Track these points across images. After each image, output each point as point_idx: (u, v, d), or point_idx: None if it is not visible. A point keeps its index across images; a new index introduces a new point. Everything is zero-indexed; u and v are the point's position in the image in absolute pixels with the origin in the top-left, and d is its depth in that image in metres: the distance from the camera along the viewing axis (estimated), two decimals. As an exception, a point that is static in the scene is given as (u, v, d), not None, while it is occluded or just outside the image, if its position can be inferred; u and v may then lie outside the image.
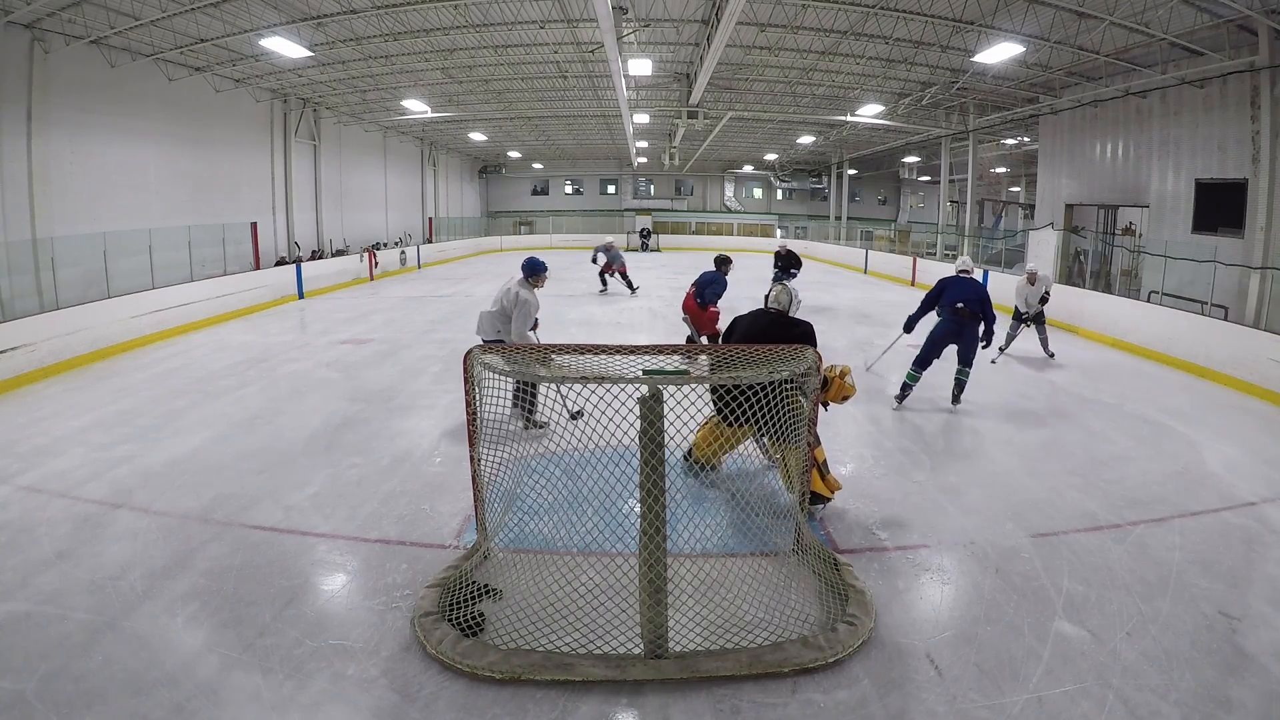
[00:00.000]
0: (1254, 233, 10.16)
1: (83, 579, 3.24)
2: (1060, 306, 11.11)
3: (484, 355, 3.10)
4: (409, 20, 11.62)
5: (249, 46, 11.95)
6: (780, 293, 4.25)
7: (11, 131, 9.87)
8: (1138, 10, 9.55)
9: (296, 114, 17.23)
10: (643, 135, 23.35)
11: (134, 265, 10.97)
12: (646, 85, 16.23)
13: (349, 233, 20.28)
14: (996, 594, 3.18)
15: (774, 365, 3.04)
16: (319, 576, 3.33)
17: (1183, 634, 2.87)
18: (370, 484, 4.41)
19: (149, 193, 12.75)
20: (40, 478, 4.49)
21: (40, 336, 7.32)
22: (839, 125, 19.97)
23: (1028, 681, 2.57)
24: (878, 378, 7.41)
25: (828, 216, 31.92)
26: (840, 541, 3.71)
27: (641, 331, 10.21)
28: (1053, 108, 15.16)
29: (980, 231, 23.05)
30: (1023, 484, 4.52)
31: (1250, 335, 7.52)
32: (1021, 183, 28.70)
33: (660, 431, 2.65)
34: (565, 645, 2.68)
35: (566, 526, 3.54)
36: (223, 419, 5.78)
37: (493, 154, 31.05)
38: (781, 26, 11.58)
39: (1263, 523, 4.00)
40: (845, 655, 2.68)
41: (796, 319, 4.22)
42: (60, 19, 9.77)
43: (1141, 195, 12.98)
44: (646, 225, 30.72)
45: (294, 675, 2.58)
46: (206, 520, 3.88)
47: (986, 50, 10.74)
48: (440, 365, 7.68)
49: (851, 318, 11.65)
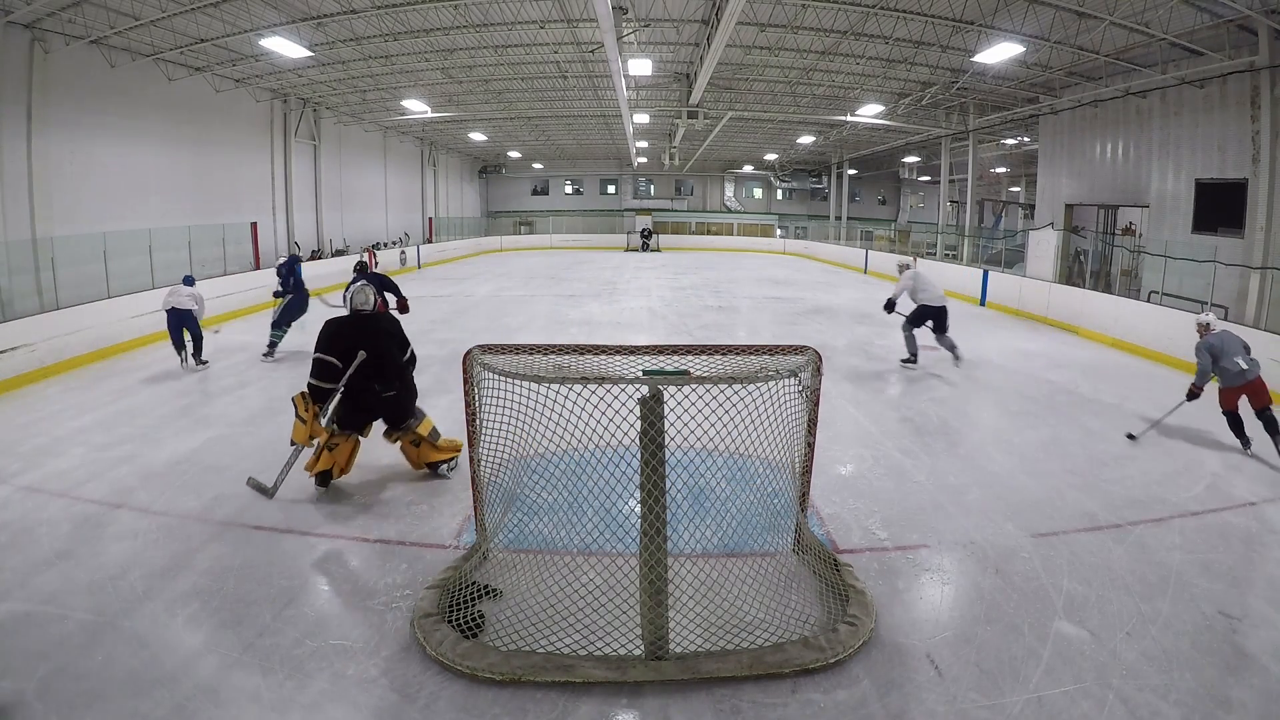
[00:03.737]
0: (1254, 233, 10.16)
1: (83, 579, 3.24)
2: (1061, 306, 11.13)
3: (484, 356, 3.10)
4: (409, 20, 11.62)
5: (249, 46, 11.94)
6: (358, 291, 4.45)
7: (11, 131, 9.87)
8: (1138, 10, 9.55)
9: (296, 114, 17.23)
10: (643, 135, 23.35)
11: (134, 265, 10.97)
12: (646, 85, 16.22)
13: (349, 233, 20.28)
14: (996, 594, 3.18)
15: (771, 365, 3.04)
16: (319, 576, 3.33)
17: (1183, 634, 2.87)
18: (370, 484, 4.41)
19: (149, 193, 12.74)
20: (40, 478, 4.49)
21: (40, 336, 7.32)
22: (839, 125, 19.97)
23: (1028, 681, 2.57)
24: (876, 377, 7.40)
25: (828, 216, 31.91)
26: (840, 541, 3.71)
27: (641, 331, 10.21)
28: (1053, 108, 15.16)
29: (980, 231, 23.03)
30: (1023, 484, 4.52)
31: (1250, 335, 7.51)
32: (1021, 183, 28.70)
33: (660, 432, 2.65)
34: (565, 646, 2.68)
35: (566, 526, 3.54)
36: (223, 419, 5.78)
37: (493, 154, 31.04)
38: (781, 26, 11.58)
39: (1263, 523, 4.00)
40: (846, 656, 2.68)
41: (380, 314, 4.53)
42: (60, 19, 9.76)
43: (1141, 195, 12.98)
44: (647, 225, 30.72)
45: (294, 675, 2.58)
46: (206, 520, 3.88)
47: (986, 50, 10.74)
48: (440, 365, 7.68)
49: (852, 318, 11.65)
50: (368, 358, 4.18)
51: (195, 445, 5.11)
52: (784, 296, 14.34)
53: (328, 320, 4.37)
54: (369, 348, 4.21)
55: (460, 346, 8.22)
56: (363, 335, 4.25)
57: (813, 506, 3.99)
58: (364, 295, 4.42)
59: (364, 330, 4.29)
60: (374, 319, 4.40)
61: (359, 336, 4.24)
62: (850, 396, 6.56)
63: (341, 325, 4.32)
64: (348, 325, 4.32)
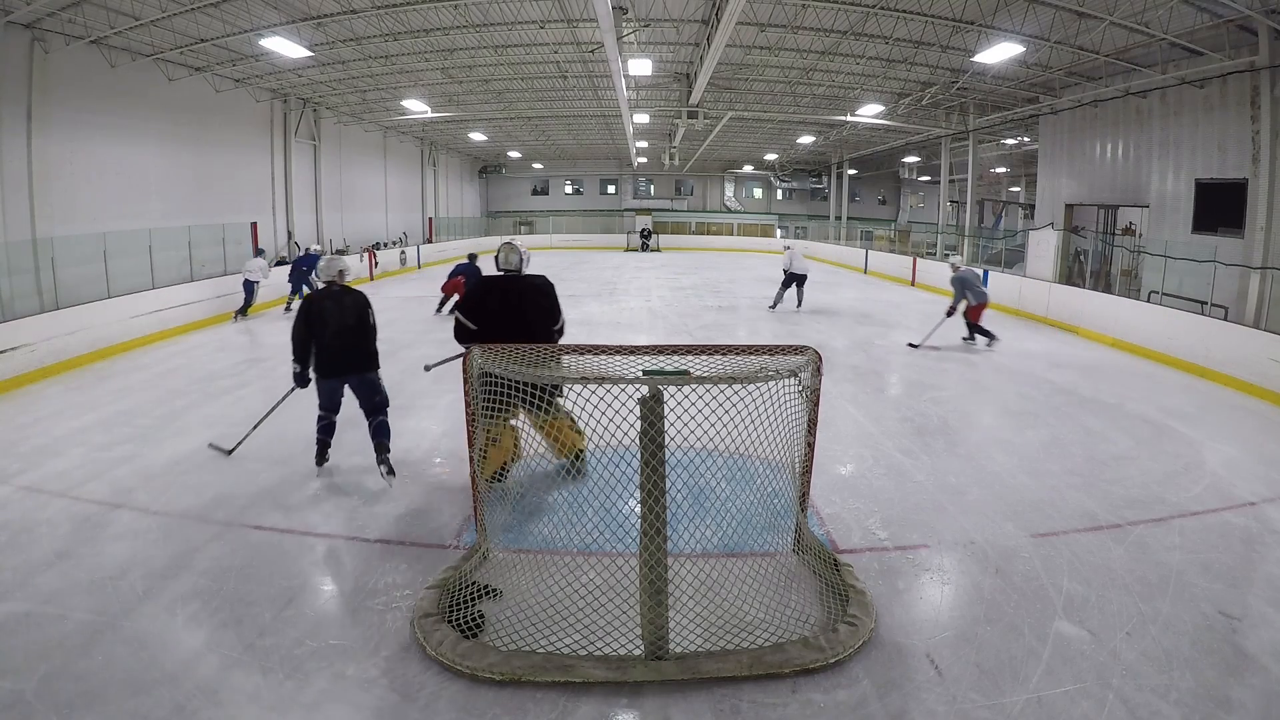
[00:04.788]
0: (1254, 233, 10.16)
1: (83, 579, 3.24)
2: (1061, 306, 11.13)
3: (484, 356, 3.10)
4: (409, 20, 11.62)
5: (249, 46, 11.94)
6: (509, 252, 4.32)
7: (11, 131, 9.87)
8: (1138, 10, 9.54)
9: (296, 114, 17.22)
10: (643, 135, 23.34)
11: (134, 265, 10.97)
12: (646, 85, 16.22)
13: (349, 233, 20.27)
14: (996, 594, 3.18)
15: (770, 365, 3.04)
16: (319, 576, 3.33)
17: (1183, 634, 2.87)
18: (370, 484, 4.40)
19: (149, 193, 12.74)
20: (40, 478, 4.49)
21: (40, 336, 7.32)
22: (839, 125, 19.97)
23: (1028, 681, 2.57)
24: (876, 377, 7.41)
25: (828, 216, 31.91)
26: (840, 541, 3.71)
27: (641, 331, 10.21)
28: (1053, 108, 15.16)
29: (980, 231, 23.03)
30: (1023, 484, 4.52)
31: (1250, 335, 7.52)
32: (1021, 183, 28.70)
33: (660, 432, 2.65)
34: (565, 646, 2.68)
35: (567, 526, 3.54)
36: (223, 419, 5.78)
37: (493, 154, 31.04)
38: (781, 26, 11.58)
39: (1263, 523, 4.00)
40: (846, 656, 2.68)
41: (532, 274, 4.33)
42: (60, 19, 9.76)
43: (1141, 195, 12.98)
44: (646, 225, 30.72)
45: (294, 675, 2.58)
46: (206, 520, 3.88)
47: (986, 50, 10.74)
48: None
49: (852, 318, 11.65)
50: (515, 322, 3.94)
51: (195, 445, 5.11)
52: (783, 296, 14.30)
53: (482, 277, 4.25)
54: (515, 307, 4.01)
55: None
56: (510, 294, 4.09)
57: (813, 506, 4.00)
58: (516, 255, 4.25)
59: (511, 290, 4.11)
60: (524, 279, 4.21)
61: (507, 295, 4.08)
62: (850, 396, 6.56)
63: (492, 282, 4.16)
64: (497, 282, 4.15)
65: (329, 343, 4.34)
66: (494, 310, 4.07)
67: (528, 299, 4.14)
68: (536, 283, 4.23)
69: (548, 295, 4.21)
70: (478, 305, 4.12)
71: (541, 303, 4.17)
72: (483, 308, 4.08)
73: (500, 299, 4.13)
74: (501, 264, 4.28)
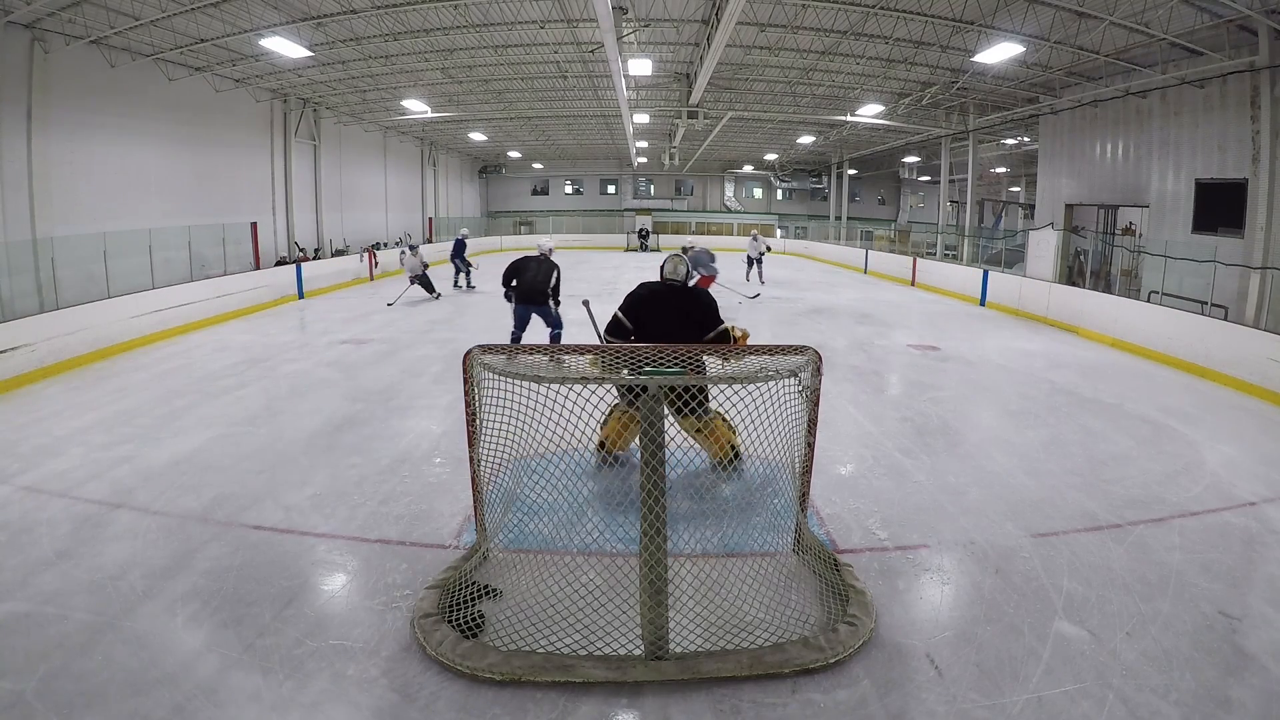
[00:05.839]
0: (1254, 233, 10.17)
1: (83, 579, 3.23)
2: (1061, 306, 11.13)
3: (484, 356, 3.10)
4: (409, 20, 11.63)
5: (249, 46, 11.95)
6: (678, 264, 4.50)
7: (11, 131, 9.88)
8: (1138, 10, 9.55)
9: (296, 114, 17.23)
10: (643, 135, 23.35)
11: (134, 265, 10.98)
12: (646, 85, 16.23)
13: (349, 233, 20.28)
14: (996, 594, 3.18)
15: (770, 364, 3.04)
16: (319, 576, 3.33)
17: (1183, 634, 2.87)
18: (370, 484, 4.40)
19: (149, 193, 12.75)
20: (40, 478, 4.49)
21: (40, 336, 7.32)
22: (839, 125, 19.98)
23: (1028, 681, 2.57)
24: (876, 377, 7.41)
25: (828, 216, 31.93)
26: (840, 541, 3.71)
27: (641, 331, 10.19)
28: (1053, 108, 15.17)
29: (980, 231, 23.03)
30: (1023, 484, 4.52)
31: (1250, 335, 7.52)
32: (1021, 183, 28.70)
33: (660, 431, 2.65)
34: (565, 646, 2.68)
35: (567, 526, 3.54)
36: (223, 419, 5.77)
37: (493, 154, 31.06)
38: (781, 26, 11.59)
39: (1263, 523, 4.00)
40: (846, 656, 2.68)
41: (697, 289, 4.52)
42: (60, 19, 9.77)
43: (1141, 195, 12.98)
44: (646, 225, 30.72)
45: (294, 675, 2.58)
46: (206, 520, 3.88)
47: (986, 50, 10.75)
48: (440, 365, 7.68)
49: (852, 318, 11.65)
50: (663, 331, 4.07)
51: (195, 445, 5.11)
52: (784, 296, 14.34)
53: (642, 283, 4.43)
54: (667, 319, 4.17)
55: (460, 346, 8.23)
56: (668, 305, 4.26)
57: (813, 506, 3.99)
58: (678, 266, 4.43)
59: (670, 301, 4.29)
60: (687, 292, 4.37)
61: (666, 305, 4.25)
62: (850, 396, 6.56)
63: (653, 290, 4.33)
64: (658, 292, 4.33)
65: (524, 284, 7.27)
66: (645, 319, 4.24)
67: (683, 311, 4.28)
68: (701, 300, 4.37)
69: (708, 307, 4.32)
70: (632, 308, 4.30)
71: (695, 315, 4.28)
72: (636, 312, 4.28)
73: (656, 306, 4.29)
74: (668, 274, 4.44)
